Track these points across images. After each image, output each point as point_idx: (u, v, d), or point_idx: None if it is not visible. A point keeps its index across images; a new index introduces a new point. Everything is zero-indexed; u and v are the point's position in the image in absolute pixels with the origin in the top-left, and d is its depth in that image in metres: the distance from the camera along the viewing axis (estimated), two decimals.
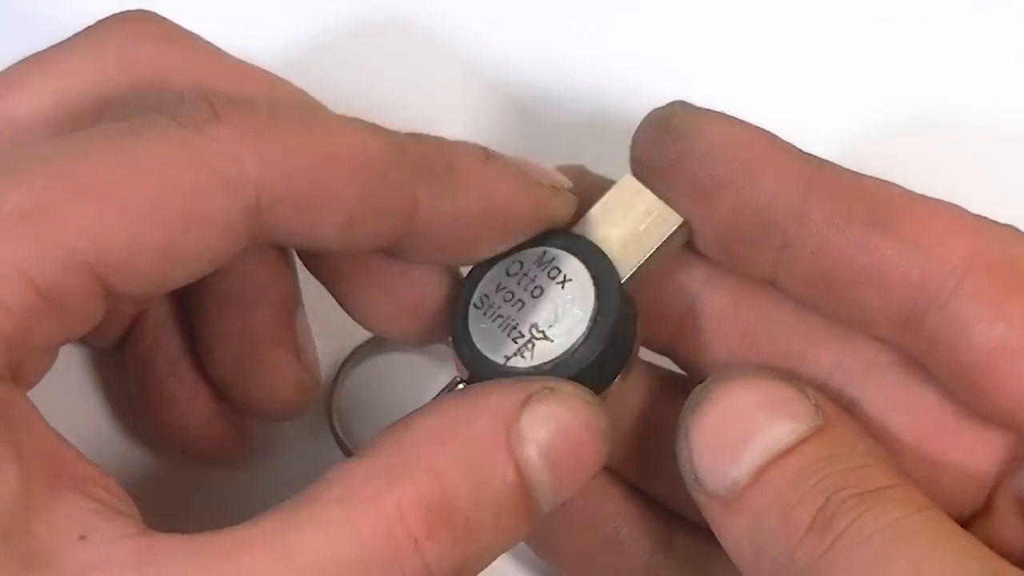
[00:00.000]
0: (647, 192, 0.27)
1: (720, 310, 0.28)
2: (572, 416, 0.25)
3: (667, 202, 0.27)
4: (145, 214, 0.23)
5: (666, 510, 0.30)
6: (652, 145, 0.27)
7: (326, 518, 0.23)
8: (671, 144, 0.26)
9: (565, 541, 0.30)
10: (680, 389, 0.29)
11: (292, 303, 0.32)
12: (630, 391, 0.30)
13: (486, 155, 0.27)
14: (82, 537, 0.22)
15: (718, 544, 0.26)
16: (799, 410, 0.25)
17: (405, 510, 0.23)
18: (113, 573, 0.22)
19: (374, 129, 0.26)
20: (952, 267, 0.25)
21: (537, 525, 0.25)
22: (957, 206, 0.26)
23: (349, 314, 0.30)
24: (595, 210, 0.28)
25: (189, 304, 0.33)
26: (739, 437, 0.25)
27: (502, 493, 0.24)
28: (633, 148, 0.27)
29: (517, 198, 0.27)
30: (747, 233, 0.26)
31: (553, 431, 0.25)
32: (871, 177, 0.26)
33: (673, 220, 0.27)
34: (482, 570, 0.25)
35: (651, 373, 0.31)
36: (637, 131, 0.27)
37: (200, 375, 0.32)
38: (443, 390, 0.28)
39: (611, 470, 0.31)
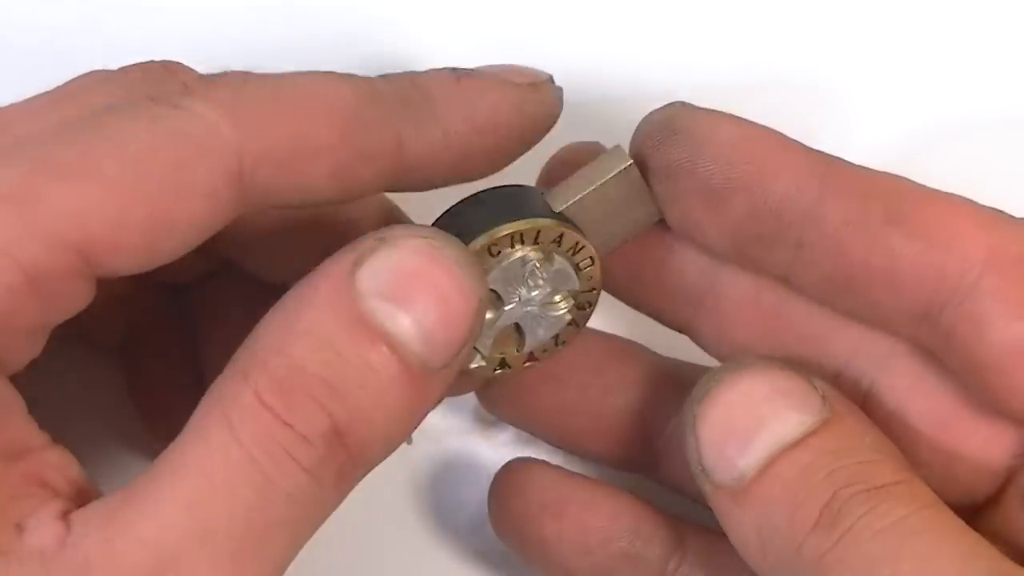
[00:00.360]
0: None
1: (742, 292, 0.28)
2: (408, 254, 0.24)
3: (674, 203, 0.27)
4: (127, 189, 0.23)
5: (678, 516, 0.30)
6: (657, 148, 0.26)
7: (201, 428, 0.23)
8: (679, 147, 0.26)
9: (582, 561, 0.30)
10: (687, 379, 0.29)
11: None
12: (632, 384, 0.30)
13: (457, 75, 0.27)
14: (17, 525, 0.22)
15: (728, 545, 0.26)
16: (807, 402, 0.25)
17: (261, 392, 0.23)
18: (42, 558, 0.22)
19: (345, 77, 0.26)
20: (970, 265, 0.25)
21: (438, 382, 0.24)
22: (971, 200, 0.26)
23: None
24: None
25: (197, 338, 0.33)
26: (746, 428, 0.25)
27: (361, 349, 0.23)
28: (636, 151, 0.27)
29: (499, 104, 0.27)
30: (761, 234, 0.26)
31: (392, 274, 0.24)
32: (883, 172, 0.26)
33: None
34: (390, 435, 0.24)
35: (658, 363, 0.31)
36: (637, 133, 0.27)
37: (198, 384, 0.32)
38: None
39: (614, 461, 0.31)
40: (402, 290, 0.24)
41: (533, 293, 0.27)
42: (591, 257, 0.27)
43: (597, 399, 0.30)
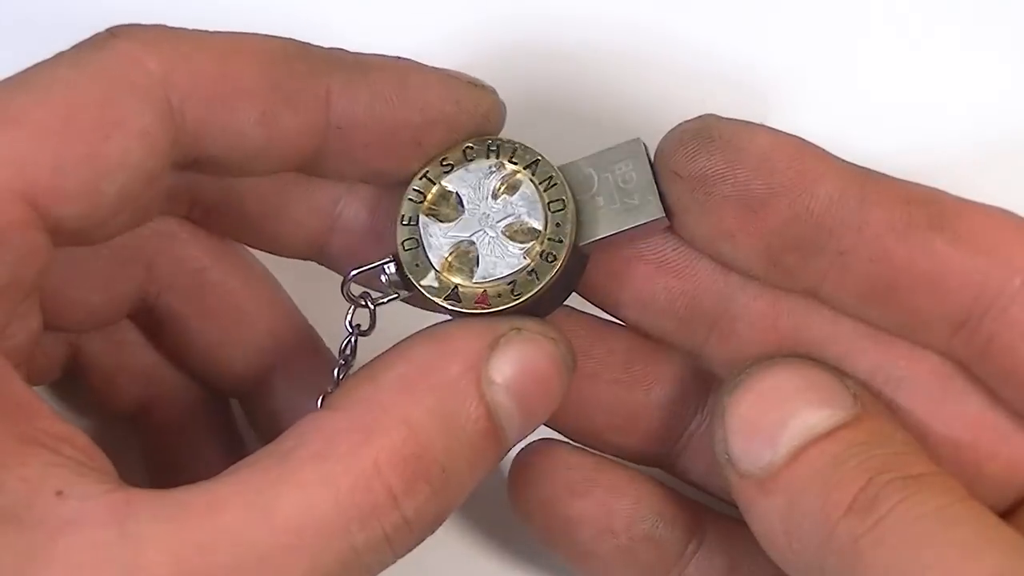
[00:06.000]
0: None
1: (758, 316, 0.28)
2: (539, 354, 0.26)
3: (708, 213, 0.26)
4: (59, 131, 0.23)
5: (697, 500, 0.31)
6: (693, 157, 0.26)
7: (304, 475, 0.23)
8: (717, 154, 0.26)
9: (606, 542, 0.30)
10: (713, 375, 0.29)
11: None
12: (659, 380, 0.30)
13: (398, 57, 0.27)
14: (59, 493, 0.22)
15: (746, 529, 0.26)
16: (838, 397, 0.26)
17: (382, 465, 0.23)
18: (92, 529, 0.22)
19: (279, 36, 0.26)
20: (1014, 270, 0.25)
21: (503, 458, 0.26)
22: (1008, 210, 0.26)
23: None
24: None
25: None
26: (776, 420, 0.25)
27: (475, 437, 0.25)
28: (667, 160, 0.26)
29: (433, 85, 0.27)
30: (799, 242, 0.26)
31: (520, 371, 0.26)
32: (919, 184, 0.26)
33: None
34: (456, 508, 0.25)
35: (685, 359, 0.30)
36: (668, 143, 0.27)
37: (214, 461, 0.32)
38: None
39: (636, 455, 0.31)
40: (525, 388, 0.26)
41: (493, 206, 0.27)
42: (563, 200, 0.27)
43: (625, 395, 0.30)
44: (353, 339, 0.29)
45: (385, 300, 0.28)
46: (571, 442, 0.31)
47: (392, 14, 0.38)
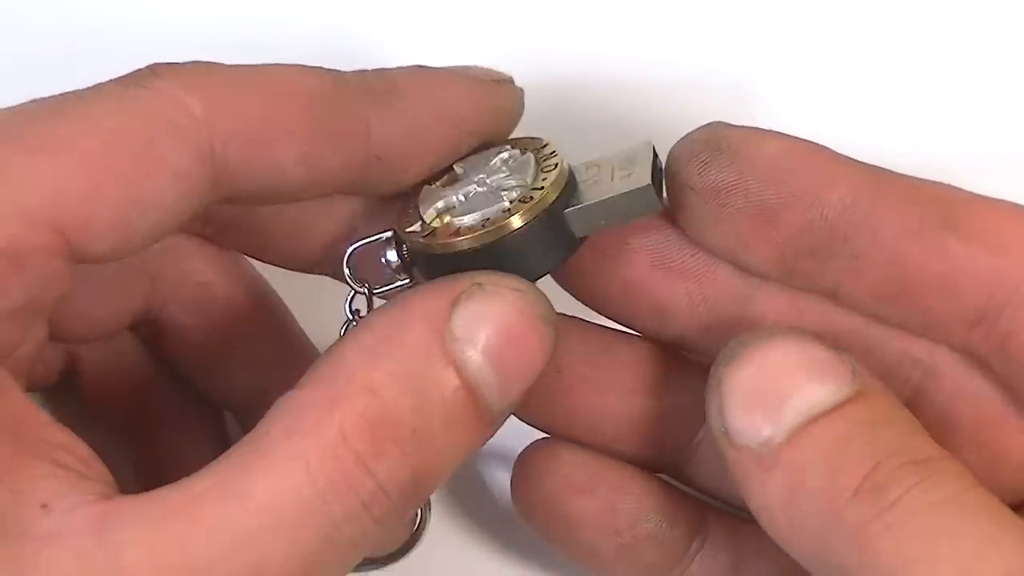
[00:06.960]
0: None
1: (779, 313, 0.28)
2: (504, 307, 0.25)
3: (723, 223, 0.26)
4: (99, 164, 0.23)
5: (699, 498, 0.30)
6: (703, 169, 0.26)
7: (274, 456, 0.23)
8: (727, 166, 0.26)
9: (610, 541, 0.30)
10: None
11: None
12: (669, 387, 0.30)
13: (421, 68, 0.27)
14: (44, 505, 0.22)
15: (750, 527, 0.26)
16: (838, 373, 0.25)
17: (348, 432, 0.23)
18: (73, 539, 0.22)
19: (314, 69, 0.26)
20: None
21: (494, 427, 0.25)
22: (1020, 205, 0.26)
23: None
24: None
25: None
26: (776, 394, 0.25)
27: (447, 398, 0.24)
28: (678, 173, 0.26)
29: (463, 96, 0.27)
30: (814, 248, 0.26)
31: (487, 326, 0.24)
32: (930, 180, 0.26)
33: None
34: (444, 479, 0.24)
35: (695, 365, 0.30)
36: (679, 155, 0.26)
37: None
38: None
39: (643, 462, 0.30)
40: (495, 343, 0.24)
41: (492, 172, 0.27)
42: (555, 163, 0.27)
43: (633, 404, 0.30)
44: (353, 325, 0.29)
45: (384, 288, 0.28)
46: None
47: (400, 29, 0.38)
